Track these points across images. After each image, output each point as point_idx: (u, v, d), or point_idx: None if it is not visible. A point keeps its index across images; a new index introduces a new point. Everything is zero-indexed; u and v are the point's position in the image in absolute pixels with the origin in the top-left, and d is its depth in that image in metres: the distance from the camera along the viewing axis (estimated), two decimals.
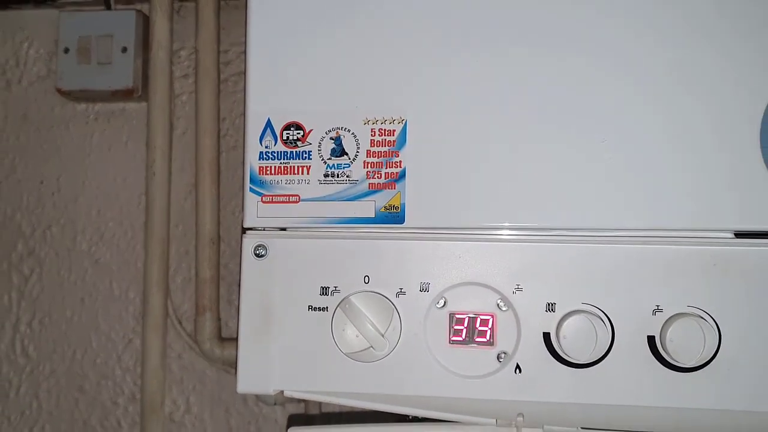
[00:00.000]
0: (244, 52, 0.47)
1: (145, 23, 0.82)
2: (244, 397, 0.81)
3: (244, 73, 0.47)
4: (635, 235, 0.44)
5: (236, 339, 0.49)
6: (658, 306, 0.44)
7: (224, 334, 0.81)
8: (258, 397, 0.77)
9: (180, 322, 0.82)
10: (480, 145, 0.45)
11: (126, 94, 0.82)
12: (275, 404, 0.78)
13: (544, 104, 0.45)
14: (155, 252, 0.80)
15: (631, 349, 0.44)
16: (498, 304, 0.46)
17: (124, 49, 0.82)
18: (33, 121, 0.86)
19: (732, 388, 0.43)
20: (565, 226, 0.45)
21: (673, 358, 0.43)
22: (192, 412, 0.83)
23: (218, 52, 0.81)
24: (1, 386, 0.86)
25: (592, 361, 0.44)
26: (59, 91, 0.82)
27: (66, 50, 0.82)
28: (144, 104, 0.83)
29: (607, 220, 0.45)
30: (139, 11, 0.82)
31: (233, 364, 0.78)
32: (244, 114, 0.47)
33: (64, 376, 0.85)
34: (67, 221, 0.85)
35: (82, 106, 0.85)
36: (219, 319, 0.80)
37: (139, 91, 0.82)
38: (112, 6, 0.84)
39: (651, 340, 0.44)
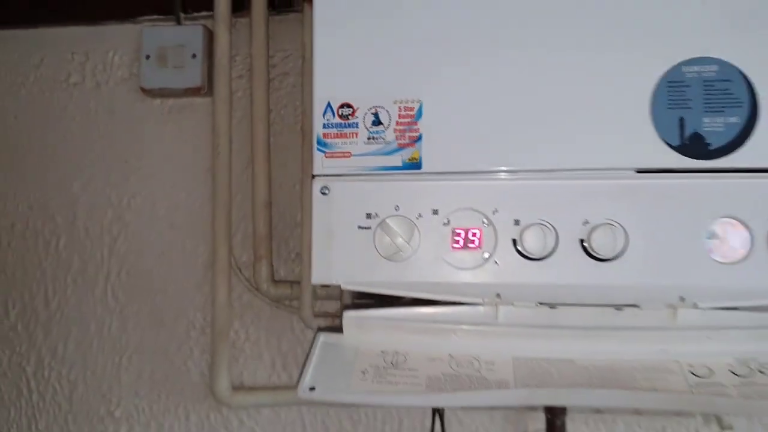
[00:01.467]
0: (302, 57, 0.70)
1: (210, 35, 1.04)
2: (292, 326, 1.03)
3: (309, 71, 0.70)
4: (573, 171, 0.67)
5: (289, 280, 0.71)
6: (586, 220, 0.67)
7: (276, 278, 1.03)
8: (304, 323, 0.98)
9: (240, 270, 1.04)
10: (470, 119, 0.69)
11: (195, 92, 1.04)
12: (316, 328, 1.00)
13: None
14: (221, 215, 1.01)
15: (569, 247, 0.67)
16: (483, 221, 0.69)
17: (194, 56, 1.04)
18: (118, 114, 1.08)
19: (633, 270, 0.66)
20: (526, 168, 0.68)
21: (596, 253, 0.66)
22: (251, 340, 1.05)
23: (267, 57, 1.02)
24: (96, 324, 1.08)
25: (544, 256, 0.67)
26: (142, 89, 1.05)
27: (147, 57, 1.04)
28: (209, 99, 1.04)
29: (554, 162, 0.68)
30: (204, 26, 1.04)
31: (283, 301, 1.01)
32: (311, 98, 0.70)
33: (147, 315, 1.07)
34: (147, 193, 1.07)
35: (158, 101, 1.07)
36: (272, 266, 1.03)
37: (205, 89, 1.04)
38: (182, 22, 1.07)
39: (582, 241, 0.67)
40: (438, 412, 0.87)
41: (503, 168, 0.68)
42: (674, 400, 0.62)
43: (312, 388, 0.64)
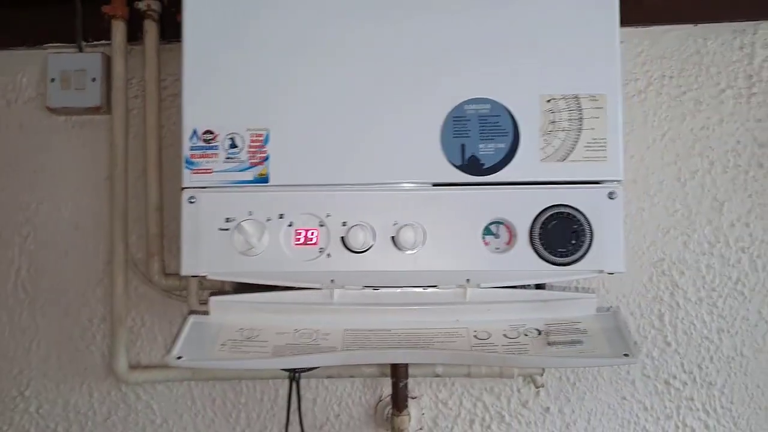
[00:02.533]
0: (180, 89, 0.87)
1: (108, 61, 1.18)
2: (182, 313, 1.19)
3: (180, 102, 0.88)
4: (385, 184, 0.87)
5: (178, 274, 0.88)
6: (396, 221, 0.87)
7: (167, 272, 1.19)
8: (191, 309, 1.15)
9: (136, 265, 1.20)
10: (307, 144, 0.88)
11: (95, 110, 1.18)
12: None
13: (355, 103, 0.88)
14: (118, 217, 1.15)
15: (383, 243, 0.86)
16: (319, 223, 0.88)
17: (94, 79, 1.17)
18: (27, 129, 1.22)
19: (431, 259, 0.87)
20: (350, 182, 0.87)
21: (403, 246, 0.86)
22: (146, 325, 1.20)
23: (159, 80, 1.16)
24: (8, 314, 1.22)
25: (365, 249, 0.87)
26: (48, 108, 1.19)
27: (52, 79, 1.19)
28: (108, 117, 1.17)
29: (371, 177, 0.87)
30: (103, 53, 1.19)
31: (174, 291, 1.18)
32: (181, 126, 0.87)
33: (54, 306, 1.21)
34: (54, 197, 1.20)
35: (63, 118, 1.21)
36: (163, 261, 1.19)
37: (104, 108, 1.17)
38: (84, 50, 1.21)
39: (393, 238, 0.87)
40: (293, 379, 1.06)
41: (334, 182, 0.87)
42: (457, 356, 0.83)
43: (179, 357, 0.82)
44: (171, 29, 1.15)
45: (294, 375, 1.04)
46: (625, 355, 0.79)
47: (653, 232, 1.13)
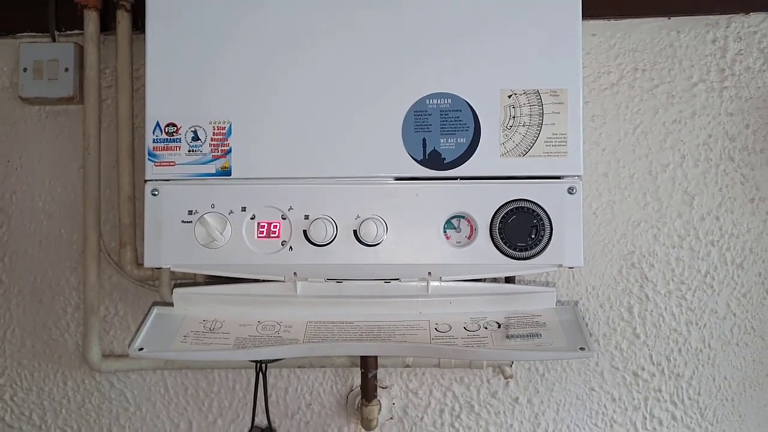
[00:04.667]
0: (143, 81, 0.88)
1: (81, 51, 1.17)
2: (155, 301, 1.20)
3: (143, 93, 0.88)
4: (347, 178, 0.87)
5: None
6: (358, 215, 0.88)
7: (139, 261, 1.20)
8: (163, 299, 1.16)
9: (109, 255, 1.20)
10: (269, 137, 0.88)
11: (68, 100, 1.17)
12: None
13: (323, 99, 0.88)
14: (91, 207, 1.15)
15: (345, 236, 0.87)
16: (282, 216, 0.89)
17: (66, 69, 1.17)
18: (0, 119, 1.23)
19: (392, 253, 0.87)
20: (313, 175, 0.88)
21: (365, 240, 0.87)
22: (119, 314, 1.21)
23: (132, 70, 1.16)
24: None
25: (327, 242, 0.87)
26: (21, 98, 1.19)
27: (25, 69, 1.19)
28: (81, 106, 1.16)
29: (334, 171, 0.87)
30: (76, 43, 1.18)
31: (147, 281, 1.18)
32: (131, 109, 0.87)
33: (29, 294, 1.22)
34: (27, 187, 1.20)
35: (36, 108, 1.21)
36: (136, 251, 1.19)
37: (77, 98, 1.16)
38: (57, 39, 1.21)
39: (355, 232, 0.88)
40: (260, 370, 1.07)
41: (296, 175, 0.87)
42: (416, 349, 0.84)
43: (141, 348, 0.83)
44: (144, 19, 1.14)
45: (260, 365, 1.05)
46: (581, 348, 0.80)
47: (624, 224, 1.13)
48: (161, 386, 1.20)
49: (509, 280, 0.98)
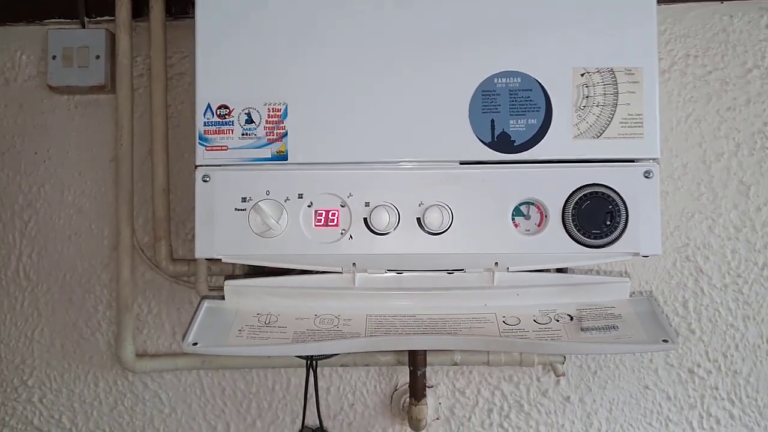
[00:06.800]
0: (194, 65, 0.83)
1: (112, 38, 1.13)
2: (190, 299, 1.15)
3: (194, 76, 0.83)
4: (410, 162, 0.83)
5: (186, 259, 0.84)
6: (421, 202, 0.83)
7: (174, 257, 1.15)
8: (200, 296, 1.11)
9: (143, 250, 1.16)
10: (328, 119, 0.83)
11: (99, 89, 1.13)
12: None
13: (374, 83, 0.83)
14: (124, 200, 1.11)
15: (409, 224, 0.82)
16: (341, 203, 0.84)
17: (97, 57, 1.13)
18: (27, 109, 1.17)
19: (458, 242, 0.83)
20: (374, 159, 0.83)
21: (429, 228, 0.82)
22: (153, 312, 1.16)
23: (165, 57, 1.12)
24: (9, 301, 1.18)
25: (389, 231, 0.83)
26: (49, 86, 1.14)
27: (54, 57, 1.15)
28: (112, 96, 1.13)
29: (396, 155, 0.83)
30: (107, 29, 1.14)
31: (182, 277, 1.14)
32: (194, 100, 0.83)
33: (58, 292, 1.17)
34: (56, 180, 1.17)
35: (65, 97, 1.17)
36: (171, 246, 1.15)
37: (108, 87, 1.13)
38: (86, 26, 1.17)
39: (418, 219, 0.83)
40: (311, 367, 1.02)
41: (356, 159, 0.83)
42: (486, 342, 0.79)
43: (195, 344, 0.78)
44: (177, 5, 1.11)
45: (311, 362, 1.00)
46: (665, 341, 0.75)
47: (677, 216, 1.09)
48: (197, 387, 1.15)
49: (560, 270, 0.93)
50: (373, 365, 1.13)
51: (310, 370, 0.99)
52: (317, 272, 0.85)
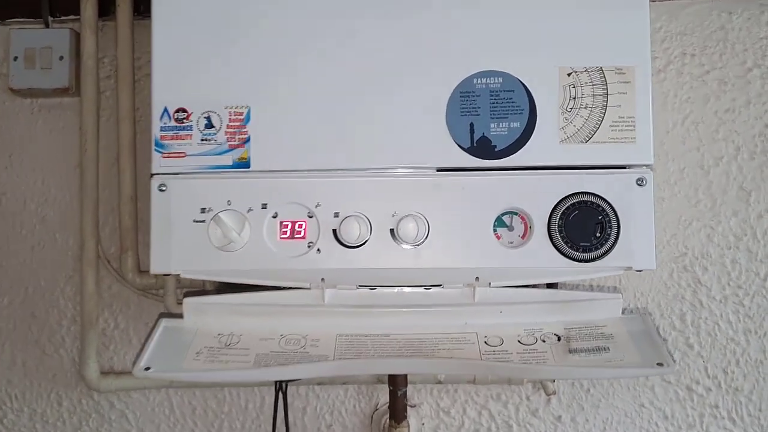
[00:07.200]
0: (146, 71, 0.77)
1: (77, 38, 1.07)
2: (158, 313, 1.10)
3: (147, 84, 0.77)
4: (383, 169, 0.77)
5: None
6: (395, 212, 0.77)
7: (142, 268, 1.09)
8: (168, 310, 1.05)
9: (108, 261, 1.09)
10: (293, 123, 0.77)
11: (63, 92, 1.07)
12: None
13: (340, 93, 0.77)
14: (89, 209, 1.05)
15: (381, 236, 0.76)
16: (308, 214, 0.78)
17: (61, 58, 1.07)
18: None
19: (435, 255, 0.76)
20: (343, 166, 0.77)
21: (403, 240, 0.76)
22: (120, 327, 1.10)
23: (133, 58, 1.06)
24: None
25: (360, 243, 0.77)
26: (11, 89, 1.08)
27: (15, 58, 1.08)
28: (77, 99, 1.07)
29: (367, 161, 0.77)
30: (71, 29, 1.08)
31: (150, 290, 1.07)
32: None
33: (20, 306, 1.11)
34: (18, 189, 1.11)
35: (28, 100, 1.11)
36: (138, 257, 1.08)
37: (73, 89, 1.07)
38: (50, 25, 1.11)
39: (392, 231, 0.77)
40: (280, 390, 0.95)
41: (324, 167, 0.76)
42: (465, 366, 0.73)
43: (147, 368, 0.71)
44: (145, 3, 1.04)
45: (280, 384, 0.94)
46: (659, 364, 0.69)
47: (674, 224, 1.04)
48: (166, 406, 1.09)
49: (550, 285, 0.87)
50: (352, 383, 1.07)
51: (279, 392, 0.92)
52: (284, 288, 0.78)
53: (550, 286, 0.88)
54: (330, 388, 1.08)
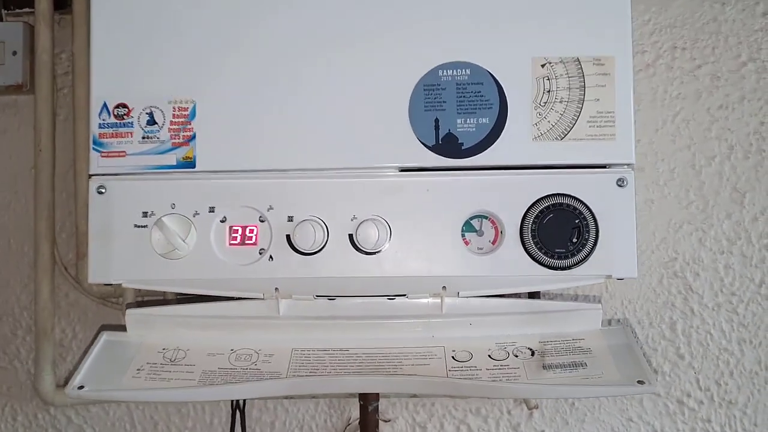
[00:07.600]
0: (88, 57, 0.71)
1: (32, 32, 1.03)
2: (120, 323, 1.04)
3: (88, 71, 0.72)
4: (341, 170, 0.71)
5: None
6: (354, 215, 0.71)
7: None
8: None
9: (66, 268, 1.04)
10: (242, 120, 0.71)
11: (17, 89, 1.03)
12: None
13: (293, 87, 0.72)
14: (43, 213, 1.00)
15: (339, 242, 0.71)
16: (259, 218, 0.72)
17: (14, 53, 1.03)
18: None
19: (398, 262, 0.71)
20: (297, 167, 0.71)
21: (363, 246, 0.70)
22: (78, 338, 1.05)
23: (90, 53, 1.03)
24: None
25: (316, 250, 0.71)
26: None
27: None
28: (32, 96, 1.03)
29: (323, 161, 0.71)
30: (26, 23, 1.03)
31: (109, 299, 1.02)
32: (88, 98, 0.71)
33: None
34: None
35: None
36: None
37: (27, 86, 1.02)
38: (4, 18, 1.05)
39: (350, 236, 0.71)
40: (238, 408, 0.89)
41: (276, 167, 0.71)
42: (429, 385, 0.67)
43: (81, 387, 0.65)
44: None
45: (237, 403, 0.88)
46: (640, 382, 0.63)
47: (664, 227, 0.99)
48: (127, 421, 1.04)
49: (533, 295, 0.81)
50: (323, 397, 1.01)
51: (236, 411, 0.86)
52: (237, 299, 0.72)
53: (532, 295, 0.83)
54: (300, 402, 1.03)
